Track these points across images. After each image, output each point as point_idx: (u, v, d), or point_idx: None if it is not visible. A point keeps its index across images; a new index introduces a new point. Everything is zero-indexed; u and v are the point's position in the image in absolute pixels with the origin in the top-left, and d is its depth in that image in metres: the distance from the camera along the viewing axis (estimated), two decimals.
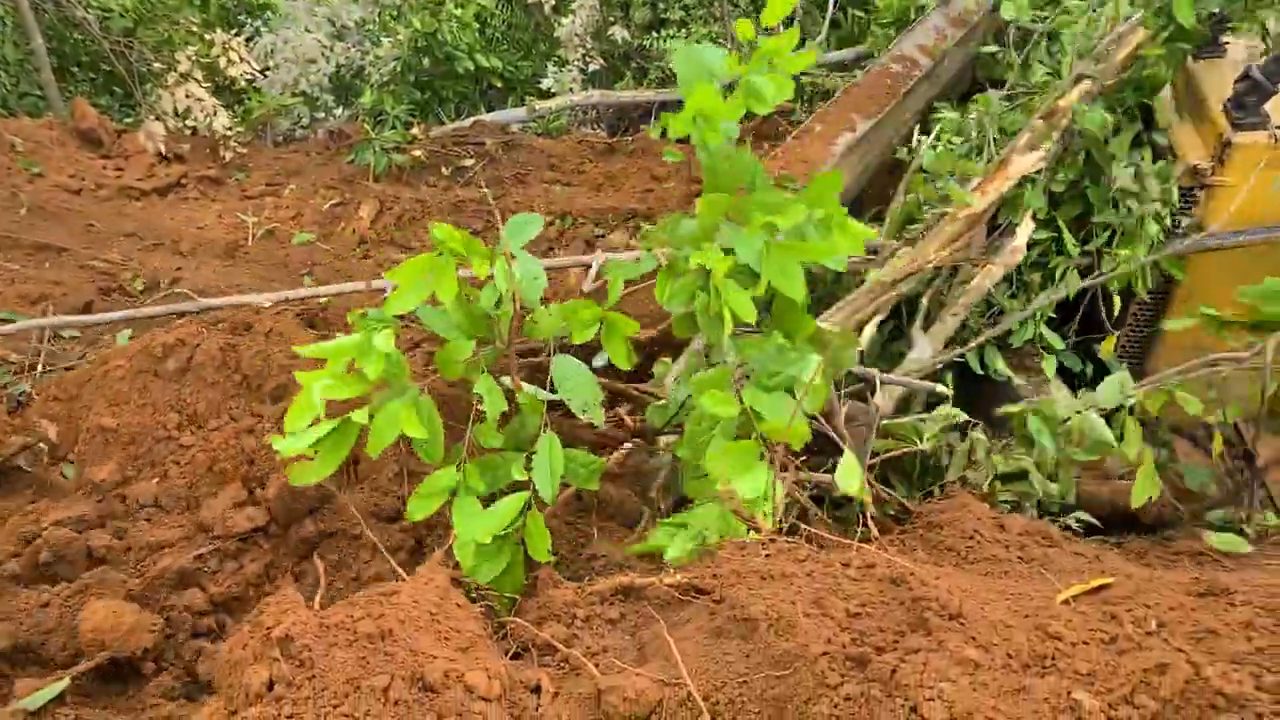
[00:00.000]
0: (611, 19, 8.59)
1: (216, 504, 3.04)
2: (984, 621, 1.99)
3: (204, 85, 7.00)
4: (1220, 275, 4.15)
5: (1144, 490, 3.35)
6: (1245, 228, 4.01)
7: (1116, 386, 3.51)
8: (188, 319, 3.99)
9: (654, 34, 8.58)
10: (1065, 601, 2.21)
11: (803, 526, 2.73)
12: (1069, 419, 3.53)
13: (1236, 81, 3.96)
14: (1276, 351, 3.36)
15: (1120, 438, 3.41)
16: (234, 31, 7.60)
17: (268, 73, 8.11)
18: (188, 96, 6.74)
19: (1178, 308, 4.30)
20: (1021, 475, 3.72)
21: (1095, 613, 2.06)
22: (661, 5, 8.59)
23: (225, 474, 3.19)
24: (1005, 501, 3.72)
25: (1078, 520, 3.66)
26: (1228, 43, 4.31)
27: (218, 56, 6.99)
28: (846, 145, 4.99)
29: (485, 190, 7.28)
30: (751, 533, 2.57)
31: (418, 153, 7.37)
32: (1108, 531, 3.80)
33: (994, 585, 2.51)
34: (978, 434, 3.79)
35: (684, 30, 8.59)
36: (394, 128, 7.74)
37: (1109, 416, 3.53)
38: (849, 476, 2.91)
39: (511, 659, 2.37)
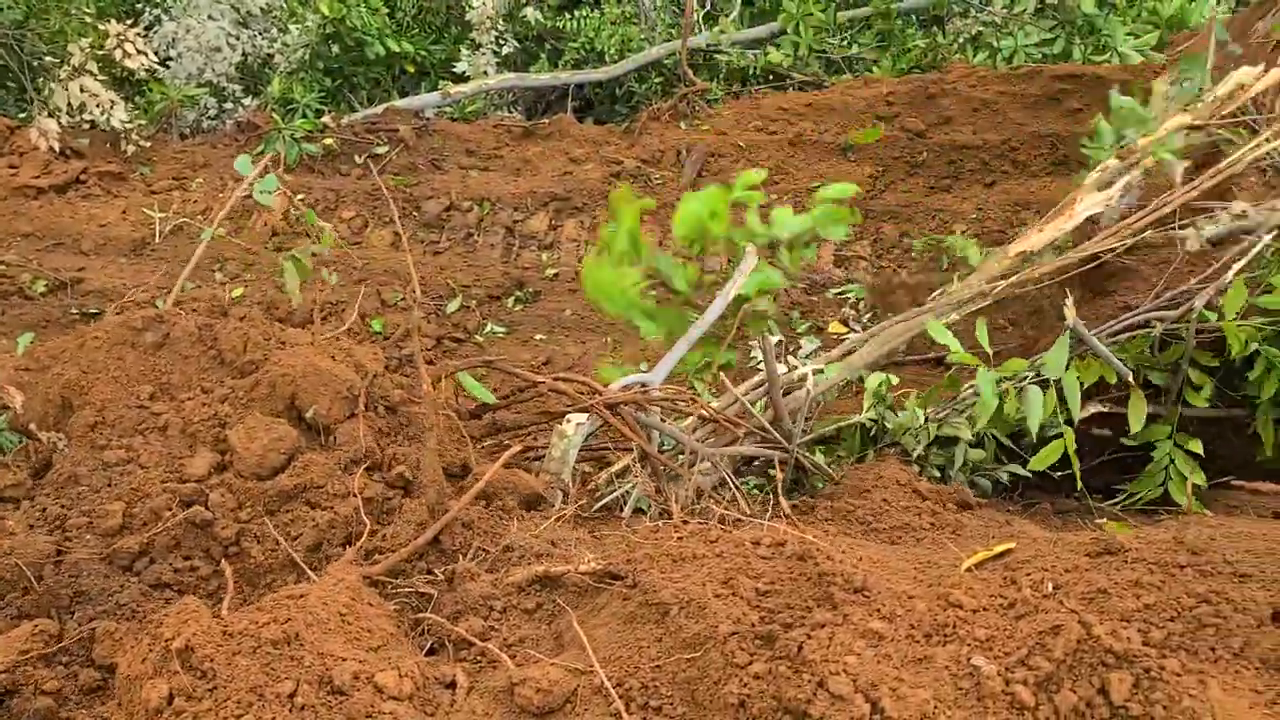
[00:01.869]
0: (524, 0, 8.49)
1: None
2: (888, 593, 2.03)
3: (100, 79, 6.74)
4: None
5: (1048, 456, 3.43)
6: None
7: (1062, 354, 3.50)
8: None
9: (568, 15, 8.51)
10: (969, 569, 2.27)
11: (713, 508, 2.76)
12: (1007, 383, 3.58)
13: None
14: None
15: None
16: (130, 21, 7.32)
17: (170, 63, 7.86)
18: (82, 91, 6.49)
19: None
20: (954, 440, 3.79)
21: (996, 578, 2.11)
22: None
23: (196, 437, 3.14)
24: (937, 466, 3.80)
25: (1010, 475, 3.76)
26: None
27: (114, 48, 6.74)
28: None
29: (399, 177, 7.17)
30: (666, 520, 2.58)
31: (330, 141, 7.22)
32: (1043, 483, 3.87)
33: (902, 554, 2.56)
34: (914, 402, 3.86)
35: (598, 10, 8.53)
36: (305, 116, 7.57)
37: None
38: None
39: (427, 655, 2.35)
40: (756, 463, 3.83)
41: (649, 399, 3.51)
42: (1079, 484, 3.48)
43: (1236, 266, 3.55)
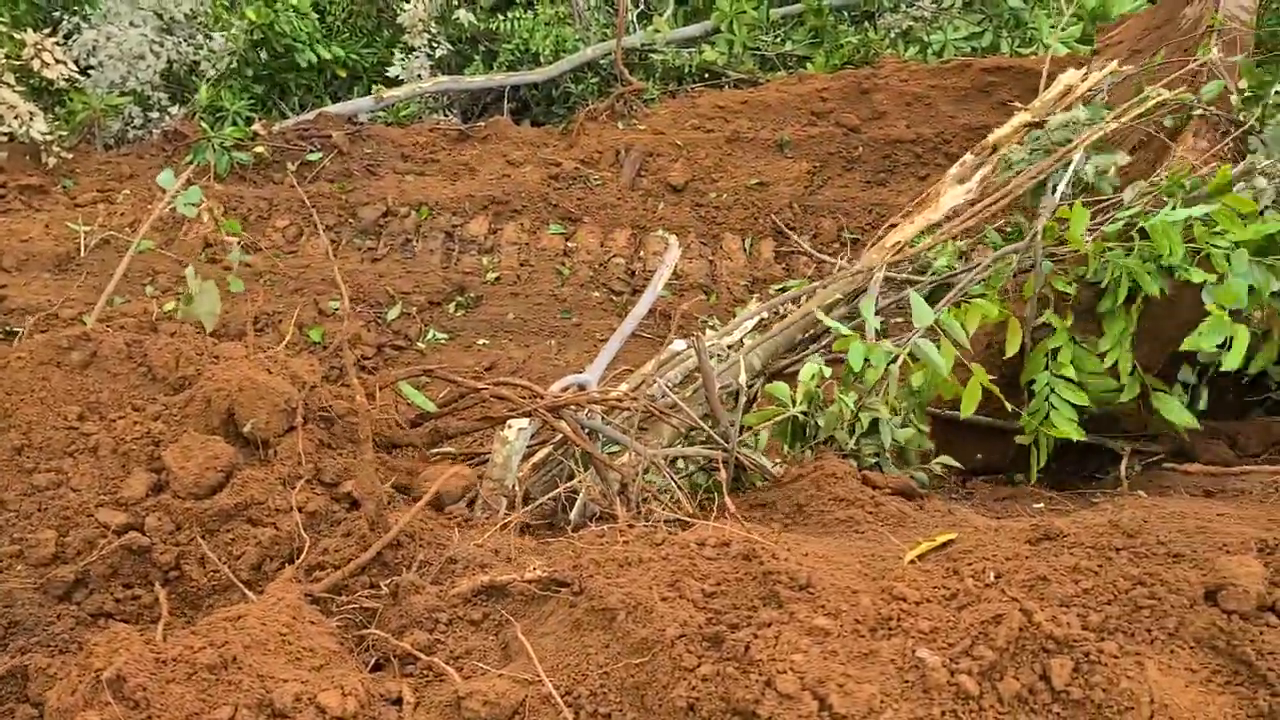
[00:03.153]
0: (456, 2, 8.40)
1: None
2: (833, 589, 2.04)
3: (18, 90, 6.53)
4: None
5: (970, 400, 3.45)
6: None
7: (922, 305, 3.59)
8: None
9: (501, 16, 8.44)
10: (913, 561, 2.28)
11: (656, 510, 2.75)
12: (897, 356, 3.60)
13: None
14: None
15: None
16: (48, 30, 7.11)
17: (91, 72, 7.64)
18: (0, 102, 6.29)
19: None
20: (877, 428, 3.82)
21: (939, 570, 2.13)
22: None
23: (130, 457, 3.05)
24: (871, 457, 3.82)
25: (944, 466, 3.79)
26: None
27: (31, 58, 6.53)
28: None
29: (334, 184, 7.06)
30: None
31: (261, 149, 7.08)
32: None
33: (847, 548, 2.57)
34: (843, 394, 3.87)
35: (531, 11, 8.48)
36: (234, 124, 7.42)
37: None
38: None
39: (373, 671, 2.31)
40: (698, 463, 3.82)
41: (589, 399, 3.50)
42: (1008, 408, 3.57)
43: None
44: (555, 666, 2.05)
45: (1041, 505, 3.71)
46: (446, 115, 8.27)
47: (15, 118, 6.34)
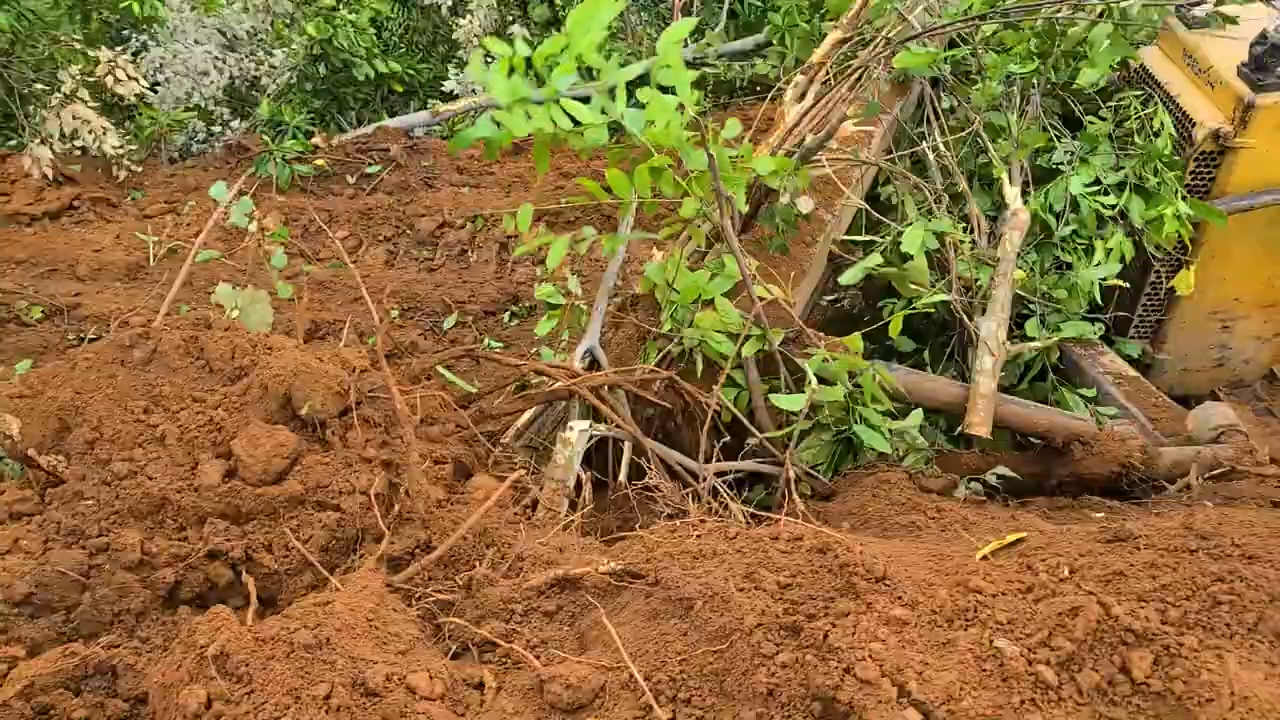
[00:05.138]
0: (510, 18, 8.55)
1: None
2: (909, 581, 2.07)
3: (91, 105, 6.76)
4: (1239, 238, 4.31)
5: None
6: (1265, 189, 4.15)
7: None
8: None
9: (554, 31, 8.56)
10: (984, 558, 2.31)
11: (732, 506, 2.79)
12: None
13: (1254, 44, 4.03)
14: None
15: None
16: (120, 48, 7.35)
17: (157, 88, 7.87)
18: (75, 118, 6.51)
19: (1197, 272, 4.42)
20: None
21: (1012, 565, 2.16)
22: (559, 2, 8.59)
23: (195, 444, 3.17)
24: (917, 465, 3.83)
25: (999, 477, 3.79)
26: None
27: (104, 74, 6.75)
28: None
29: (392, 196, 7.20)
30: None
31: (321, 162, 7.25)
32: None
33: (915, 548, 2.60)
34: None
35: None
36: (294, 138, 7.59)
37: None
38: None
39: (452, 659, 2.37)
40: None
41: (621, 381, 3.56)
42: None
43: None
44: (634, 654, 2.10)
45: (1101, 515, 3.70)
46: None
47: (89, 132, 6.55)
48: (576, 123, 2.70)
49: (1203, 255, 4.42)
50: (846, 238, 4.56)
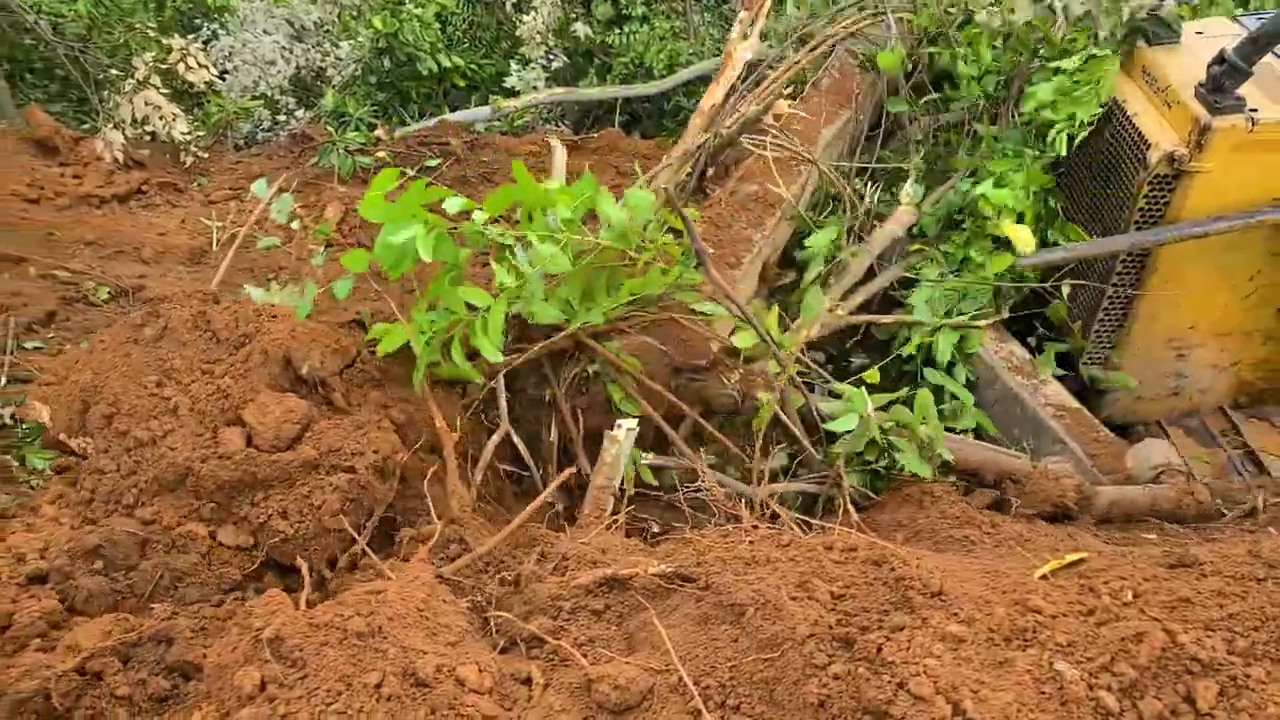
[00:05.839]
0: (574, 15, 8.57)
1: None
2: (965, 598, 2.04)
3: (162, 91, 6.90)
4: (1194, 264, 4.20)
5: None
6: (1219, 214, 3.97)
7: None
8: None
9: (617, 30, 8.58)
10: (1043, 577, 2.26)
11: (783, 514, 2.77)
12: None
13: (1211, 65, 3.84)
14: None
15: None
16: (191, 36, 7.49)
17: (226, 76, 8.02)
18: (147, 104, 6.65)
19: (1150, 297, 4.31)
20: None
21: (1073, 586, 2.11)
22: (623, 0, 8.60)
23: (205, 414, 3.25)
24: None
25: None
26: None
27: (176, 62, 6.89)
28: None
29: (451, 189, 7.26)
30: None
31: (382, 154, 7.32)
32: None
33: (970, 564, 2.56)
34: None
35: (647, 25, 8.60)
36: (357, 129, 7.68)
37: None
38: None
39: (499, 653, 2.38)
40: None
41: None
42: None
43: None
44: (683, 658, 2.09)
45: (1154, 535, 3.63)
46: (559, 126, 8.43)
47: (160, 118, 6.69)
48: None
49: (1155, 280, 4.25)
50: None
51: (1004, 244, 4.49)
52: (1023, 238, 4.35)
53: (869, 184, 5.13)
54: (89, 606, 2.63)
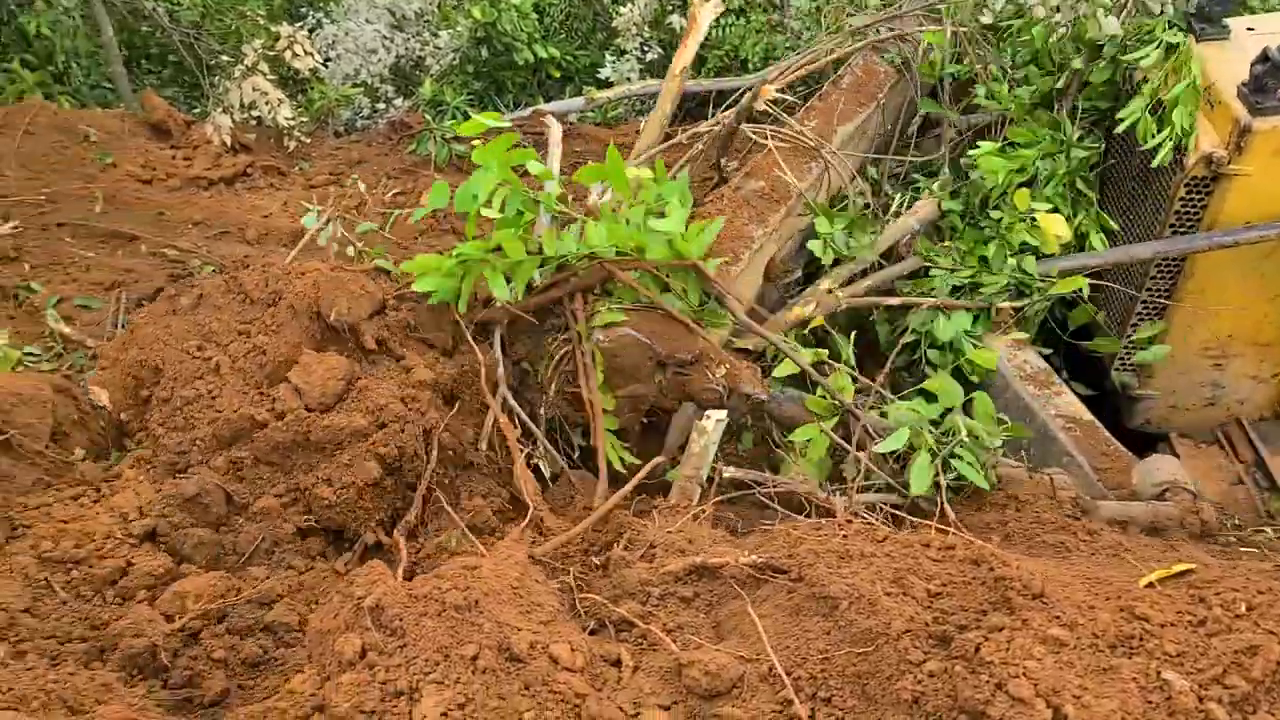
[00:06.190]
0: (670, 7, 8.56)
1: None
2: (1067, 602, 1.99)
3: (269, 77, 7.11)
4: (1231, 271, 3.97)
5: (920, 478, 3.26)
6: (1256, 222, 3.75)
7: None
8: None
9: (713, 22, 8.55)
10: (1149, 585, 2.20)
11: (880, 508, 2.74)
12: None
13: (1255, 64, 3.63)
14: None
15: None
16: (298, 24, 7.71)
17: (328, 63, 8.22)
18: (254, 89, 6.86)
19: (1186, 308, 4.12)
20: None
21: (1181, 596, 2.04)
22: None
23: (245, 371, 3.39)
24: None
25: None
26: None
27: (284, 49, 7.09)
28: None
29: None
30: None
31: (478, 143, 7.43)
32: None
33: (1069, 569, 2.49)
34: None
35: (743, 18, 8.55)
36: (454, 118, 7.81)
37: None
38: (920, 477, 2.97)
39: (589, 635, 2.40)
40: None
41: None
42: None
43: None
44: (773, 648, 2.08)
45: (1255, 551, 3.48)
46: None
47: (266, 104, 6.89)
48: None
49: (1191, 288, 4.04)
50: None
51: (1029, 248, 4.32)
52: (1057, 228, 4.19)
53: (894, 184, 5.03)
54: (196, 554, 2.76)
